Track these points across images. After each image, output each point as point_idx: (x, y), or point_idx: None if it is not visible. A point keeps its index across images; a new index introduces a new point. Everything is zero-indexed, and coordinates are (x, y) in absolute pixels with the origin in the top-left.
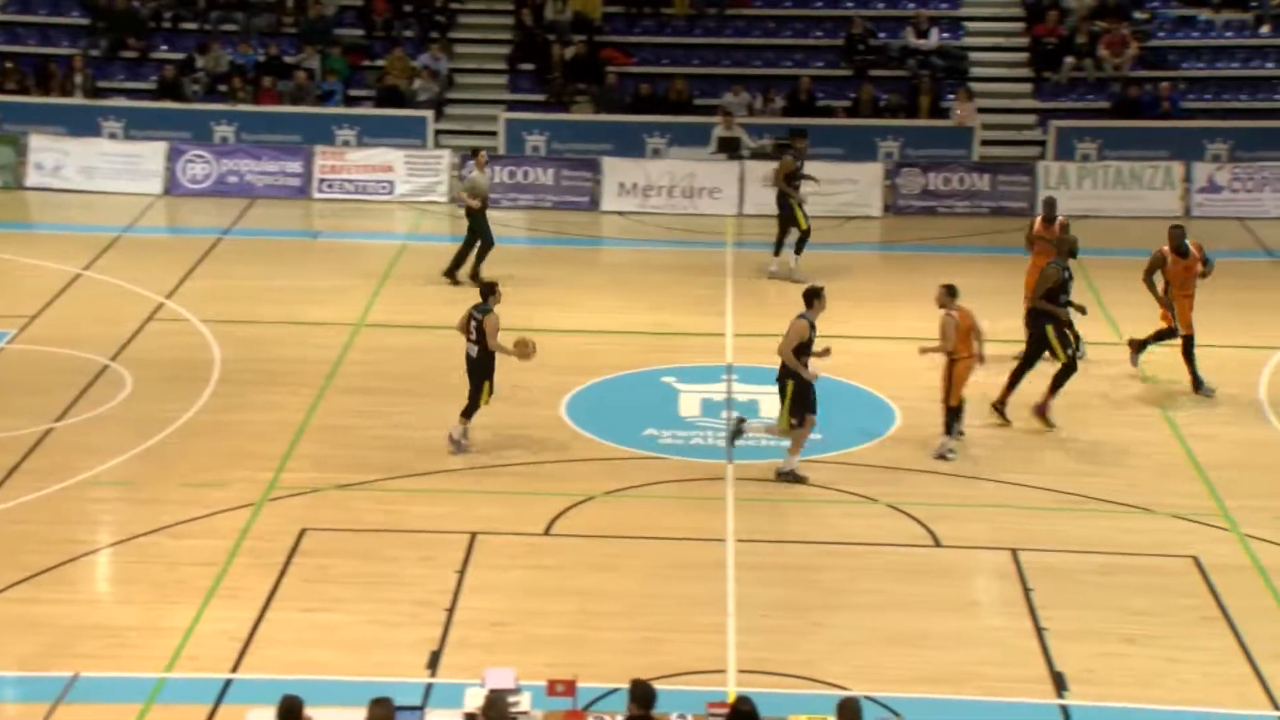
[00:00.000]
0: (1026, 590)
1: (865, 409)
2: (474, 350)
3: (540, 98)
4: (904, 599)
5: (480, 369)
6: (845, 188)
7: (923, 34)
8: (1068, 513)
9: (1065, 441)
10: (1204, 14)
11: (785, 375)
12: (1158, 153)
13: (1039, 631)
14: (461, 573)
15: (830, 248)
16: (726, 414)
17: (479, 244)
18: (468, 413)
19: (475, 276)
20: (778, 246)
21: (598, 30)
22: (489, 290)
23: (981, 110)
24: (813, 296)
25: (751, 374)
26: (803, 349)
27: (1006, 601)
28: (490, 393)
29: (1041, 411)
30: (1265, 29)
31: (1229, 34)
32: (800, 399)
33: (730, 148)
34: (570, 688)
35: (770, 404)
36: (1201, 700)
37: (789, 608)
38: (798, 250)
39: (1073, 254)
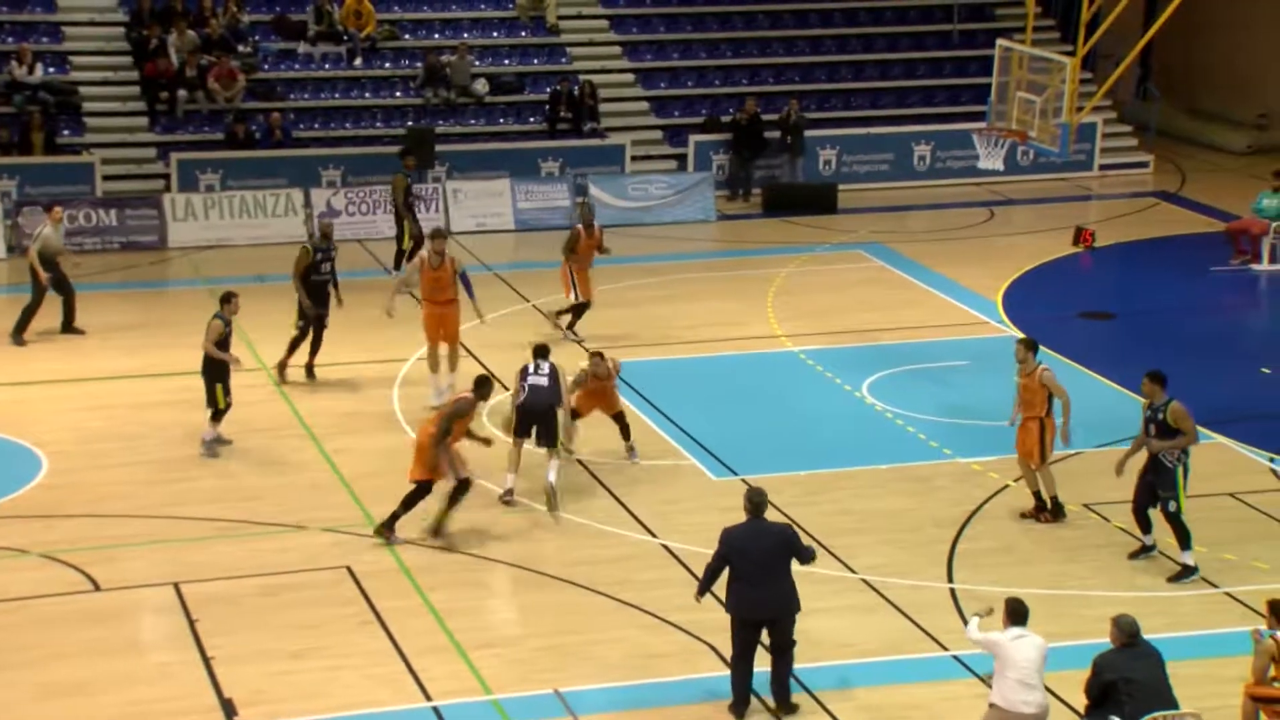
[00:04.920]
0: (191, 621)
1: (6, 458)
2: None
3: None
4: (64, 649)
5: (205, 369)
6: None
7: (28, 68)
8: (228, 539)
9: (217, 469)
10: (302, 47)
11: None
12: (277, 181)
13: (206, 660)
14: None
15: None
16: None
17: (62, 299)
18: (215, 415)
19: (68, 327)
20: (397, 262)
21: None
22: (226, 298)
23: (99, 145)
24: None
25: None
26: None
27: (172, 635)
28: (226, 394)
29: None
30: (358, 61)
31: (327, 65)
32: None
33: None
34: None
35: None
36: (363, 702)
37: None
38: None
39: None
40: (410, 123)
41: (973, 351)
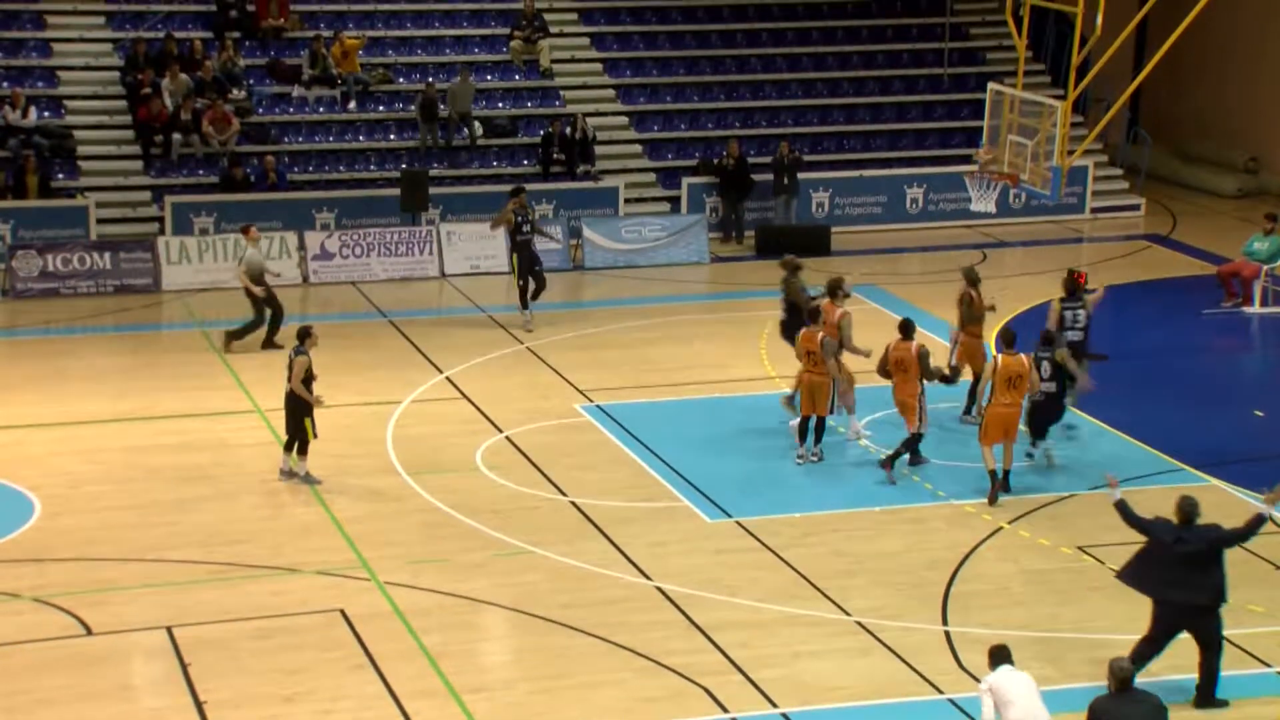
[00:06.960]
0: (184, 665)
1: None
2: (288, 388)
3: None
4: (53, 694)
5: (294, 405)
6: None
7: (22, 112)
8: (220, 582)
9: (204, 512)
10: (297, 90)
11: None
12: (271, 223)
13: (199, 705)
14: None
15: None
16: None
17: (269, 315)
18: (301, 449)
19: (270, 343)
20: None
21: None
22: (304, 334)
23: (94, 189)
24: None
25: None
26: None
27: (164, 680)
28: (314, 427)
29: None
30: (352, 105)
31: (321, 109)
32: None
33: None
34: None
35: None
36: None
37: None
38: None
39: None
40: (404, 165)
41: (966, 393)
